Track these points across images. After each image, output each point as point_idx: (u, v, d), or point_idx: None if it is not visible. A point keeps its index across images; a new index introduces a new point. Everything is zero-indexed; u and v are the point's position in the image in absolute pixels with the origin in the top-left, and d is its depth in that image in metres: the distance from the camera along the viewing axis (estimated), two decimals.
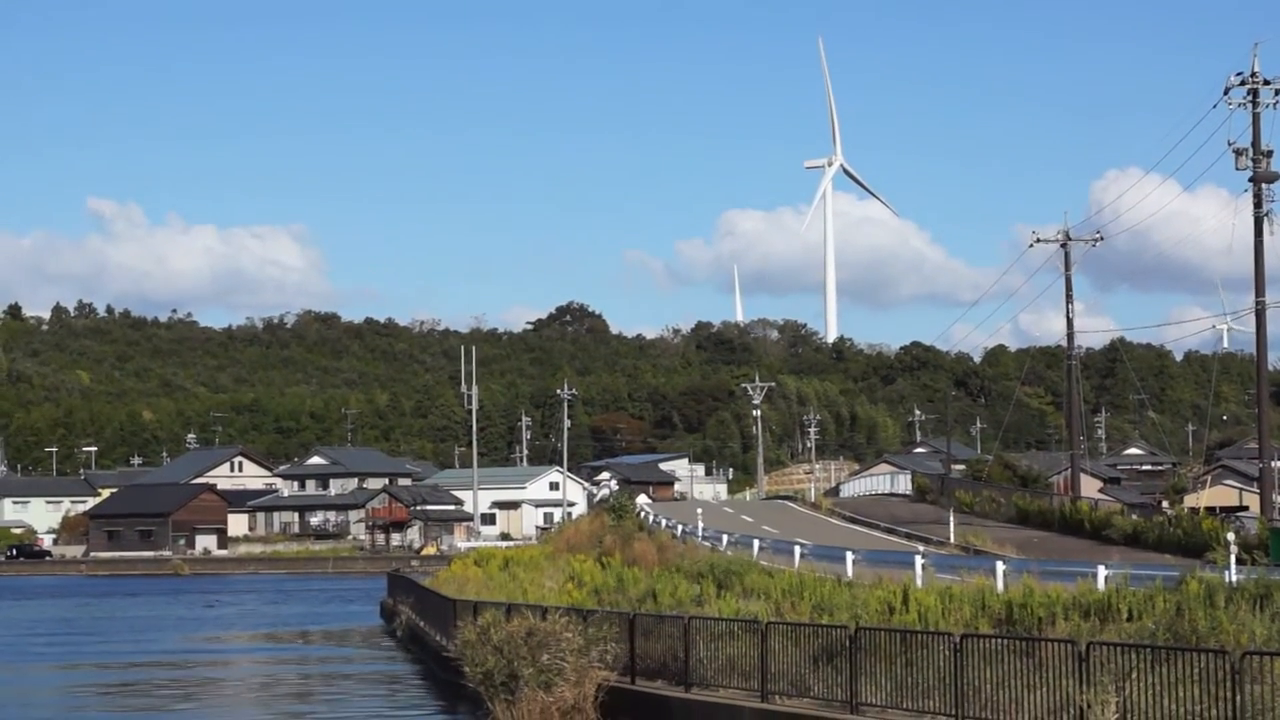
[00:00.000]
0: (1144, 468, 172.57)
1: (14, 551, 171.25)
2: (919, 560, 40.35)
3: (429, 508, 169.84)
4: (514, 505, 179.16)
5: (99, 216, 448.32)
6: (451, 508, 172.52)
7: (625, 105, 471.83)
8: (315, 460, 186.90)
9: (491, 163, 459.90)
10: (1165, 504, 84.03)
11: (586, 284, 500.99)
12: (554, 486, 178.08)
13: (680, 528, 64.39)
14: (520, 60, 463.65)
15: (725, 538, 57.06)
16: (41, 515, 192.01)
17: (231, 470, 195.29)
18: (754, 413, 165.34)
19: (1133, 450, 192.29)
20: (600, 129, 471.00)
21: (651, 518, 72.57)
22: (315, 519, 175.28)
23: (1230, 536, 37.48)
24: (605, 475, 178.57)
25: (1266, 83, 52.01)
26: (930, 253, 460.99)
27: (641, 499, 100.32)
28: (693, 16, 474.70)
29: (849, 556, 43.98)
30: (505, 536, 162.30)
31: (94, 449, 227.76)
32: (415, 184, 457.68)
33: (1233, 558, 34.06)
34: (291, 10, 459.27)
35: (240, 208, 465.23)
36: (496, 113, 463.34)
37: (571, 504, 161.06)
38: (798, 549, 48.50)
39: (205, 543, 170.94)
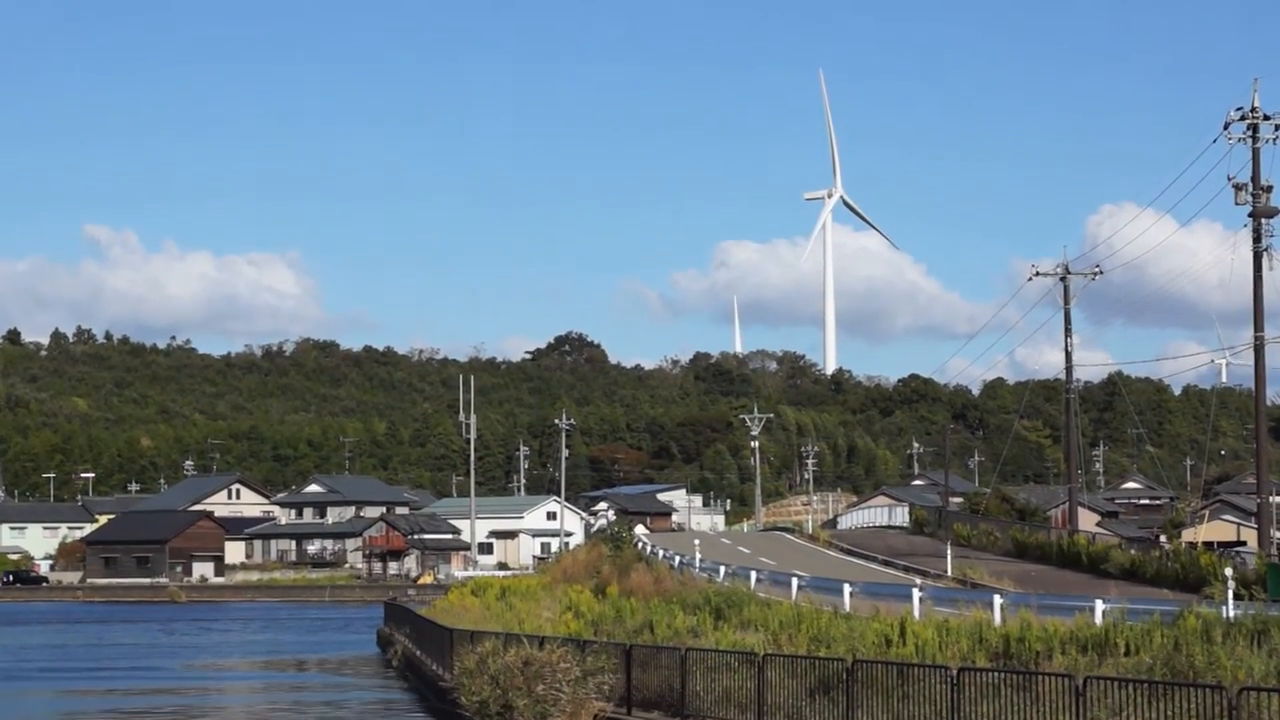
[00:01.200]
0: (1142, 502, 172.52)
1: (10, 577, 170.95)
2: (916, 593, 40.32)
3: (426, 536, 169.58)
4: (511, 535, 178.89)
5: (95, 243, 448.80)
6: (449, 537, 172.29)
7: (622, 134, 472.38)
8: (313, 488, 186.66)
9: (488, 192, 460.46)
10: (1163, 538, 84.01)
11: (585, 314, 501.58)
12: (551, 516, 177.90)
13: (678, 559, 64.30)
14: (517, 90, 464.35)
15: (723, 569, 56.97)
16: (38, 541, 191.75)
17: (229, 498, 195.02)
18: (752, 444, 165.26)
19: (1131, 484, 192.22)
20: (596, 159, 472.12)
21: (649, 548, 72.48)
22: (312, 547, 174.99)
23: (1228, 571, 37.44)
24: (603, 505, 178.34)
25: (1266, 118, 52.12)
26: (926, 285, 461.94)
27: (639, 529, 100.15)
28: (690, 49, 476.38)
29: (846, 589, 43.95)
30: (503, 566, 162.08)
31: (91, 475, 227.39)
32: (411, 212, 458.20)
33: (1230, 593, 34.05)
34: (287, 40, 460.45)
35: (236, 235, 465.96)
36: (493, 142, 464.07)
37: (569, 534, 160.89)
38: (795, 581, 48.45)
39: (202, 570, 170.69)
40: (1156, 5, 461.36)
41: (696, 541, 75.51)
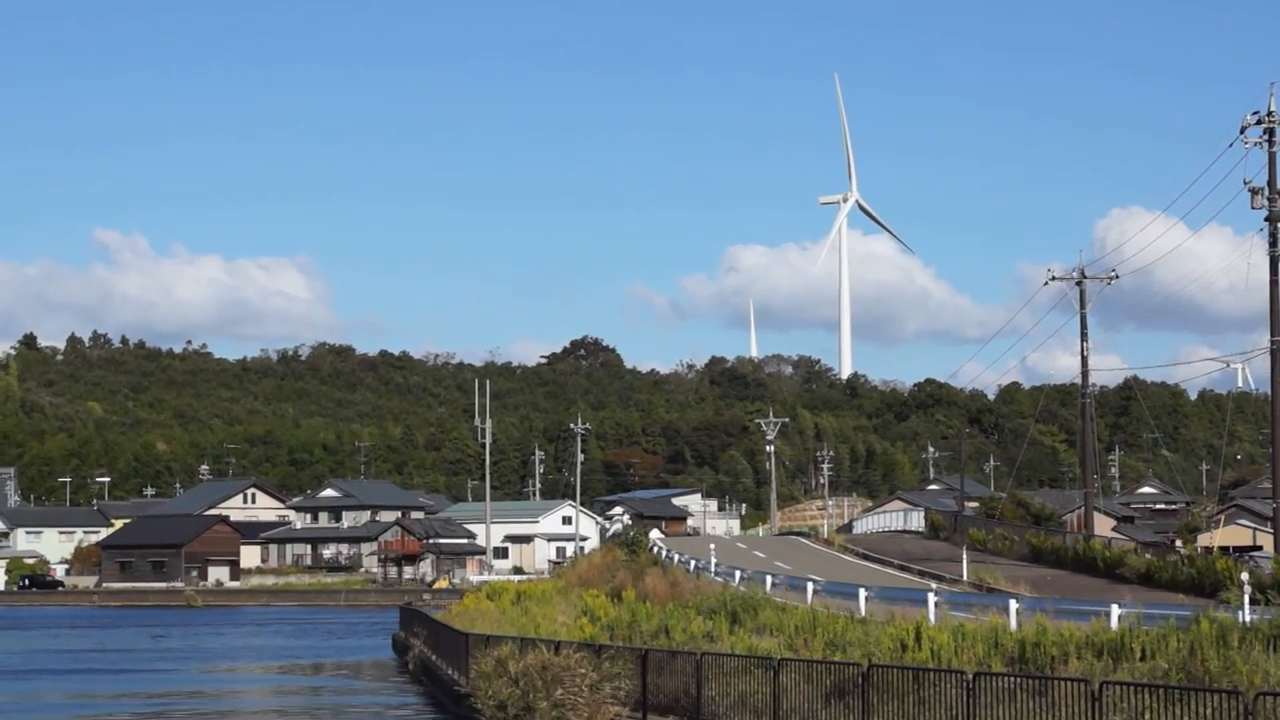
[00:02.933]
0: (1157, 506, 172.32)
1: (27, 582, 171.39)
2: (932, 598, 40.30)
3: (441, 541, 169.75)
4: (527, 539, 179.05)
5: (104, 247, 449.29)
6: (464, 541, 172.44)
7: (630, 137, 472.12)
8: (328, 493, 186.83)
9: (497, 195, 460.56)
10: (1179, 543, 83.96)
11: (594, 318, 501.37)
12: (567, 521, 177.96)
13: (693, 563, 64.32)
14: (528, 95, 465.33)
15: (738, 573, 56.97)
16: (54, 546, 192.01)
17: (244, 502, 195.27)
18: (767, 448, 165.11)
19: (1146, 489, 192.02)
20: (605, 162, 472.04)
21: (664, 553, 72.48)
22: (328, 551, 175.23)
23: (1244, 576, 37.40)
24: (618, 510, 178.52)
25: None
26: (935, 289, 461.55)
27: (654, 534, 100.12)
28: (700, 53, 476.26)
29: (862, 593, 43.95)
30: (518, 570, 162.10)
31: (107, 480, 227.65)
32: (421, 217, 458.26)
33: (1246, 598, 34.00)
34: (297, 45, 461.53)
35: (246, 238, 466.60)
36: (503, 145, 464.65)
37: (584, 538, 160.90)
38: (810, 585, 48.45)
39: (218, 574, 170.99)
40: (1164, 9, 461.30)
41: (712, 546, 75.47)
